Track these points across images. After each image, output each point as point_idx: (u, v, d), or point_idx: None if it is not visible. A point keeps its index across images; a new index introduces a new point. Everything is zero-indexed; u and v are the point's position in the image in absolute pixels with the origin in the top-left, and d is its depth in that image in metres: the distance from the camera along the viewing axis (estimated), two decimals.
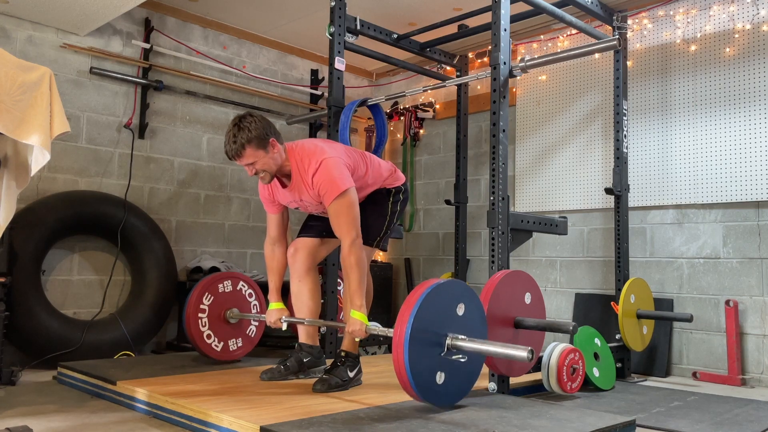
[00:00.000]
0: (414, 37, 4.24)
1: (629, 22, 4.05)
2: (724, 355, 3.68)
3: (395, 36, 4.11)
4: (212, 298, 3.32)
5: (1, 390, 2.93)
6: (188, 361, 3.35)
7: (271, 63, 5.21)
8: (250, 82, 5.04)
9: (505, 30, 3.00)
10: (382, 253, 5.56)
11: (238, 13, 4.68)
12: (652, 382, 3.63)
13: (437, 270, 5.13)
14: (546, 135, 4.60)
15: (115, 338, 3.81)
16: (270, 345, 4.04)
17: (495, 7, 3.00)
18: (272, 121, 5.30)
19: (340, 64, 3.65)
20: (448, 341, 2.27)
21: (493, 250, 2.90)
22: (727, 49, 3.79)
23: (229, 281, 3.41)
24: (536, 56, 3.47)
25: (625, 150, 3.77)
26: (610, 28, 3.87)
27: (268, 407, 2.30)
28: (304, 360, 2.89)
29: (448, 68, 4.98)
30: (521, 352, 2.16)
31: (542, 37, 4.65)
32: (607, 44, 3.16)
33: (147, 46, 4.40)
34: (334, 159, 2.67)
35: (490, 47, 3.44)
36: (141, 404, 2.55)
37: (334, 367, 2.74)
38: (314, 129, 5.33)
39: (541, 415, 2.31)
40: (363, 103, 4.00)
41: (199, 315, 3.26)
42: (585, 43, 3.89)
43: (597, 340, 3.29)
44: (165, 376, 2.86)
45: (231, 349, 3.37)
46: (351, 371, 2.75)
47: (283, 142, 2.73)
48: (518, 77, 4.11)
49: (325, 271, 3.60)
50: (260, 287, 4.78)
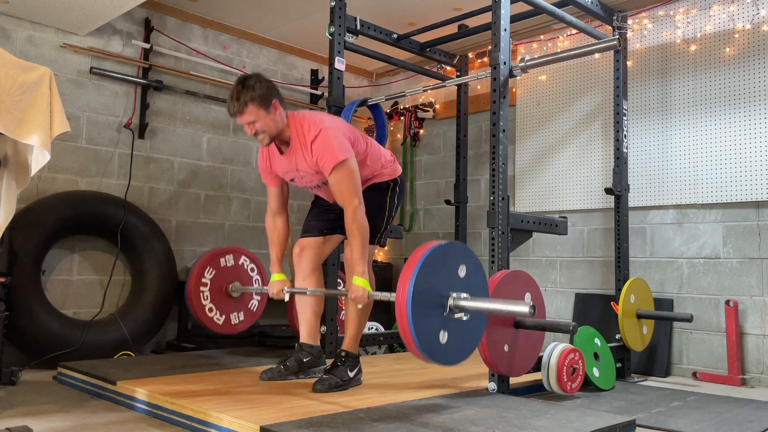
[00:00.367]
0: (414, 37, 4.24)
1: (629, 22, 4.05)
2: (724, 355, 3.68)
3: (395, 36, 4.11)
4: (214, 272, 3.32)
5: (1, 390, 2.93)
6: (188, 361, 3.34)
7: (271, 63, 5.21)
8: None
9: (505, 30, 3.00)
10: (382, 253, 5.56)
11: (238, 13, 4.68)
12: (652, 382, 3.63)
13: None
14: (546, 135, 4.60)
15: (115, 338, 3.81)
16: (270, 345, 4.04)
17: (495, 7, 3.00)
18: None
19: (340, 64, 3.65)
20: (451, 302, 2.26)
21: (493, 250, 2.90)
22: (727, 49, 3.79)
23: (231, 255, 3.42)
24: (536, 56, 3.47)
25: (625, 150, 3.77)
26: (610, 28, 3.86)
27: (268, 407, 2.30)
28: (304, 360, 2.89)
29: (448, 68, 4.98)
30: (523, 307, 2.16)
31: (542, 37, 4.65)
32: (607, 44, 3.16)
33: (147, 46, 4.40)
34: (334, 128, 2.67)
35: (490, 47, 3.44)
36: (141, 404, 2.55)
37: (334, 367, 2.74)
38: None
39: (541, 415, 2.31)
40: (363, 103, 4.00)
41: (201, 289, 3.26)
42: (585, 43, 3.89)
43: (597, 340, 3.29)
44: (165, 376, 2.86)
45: (233, 322, 3.37)
46: (351, 371, 2.75)
47: (286, 108, 2.73)
48: (518, 77, 4.11)
49: (325, 270, 3.60)
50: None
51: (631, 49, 4.16)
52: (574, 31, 4.41)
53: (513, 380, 2.88)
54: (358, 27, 3.76)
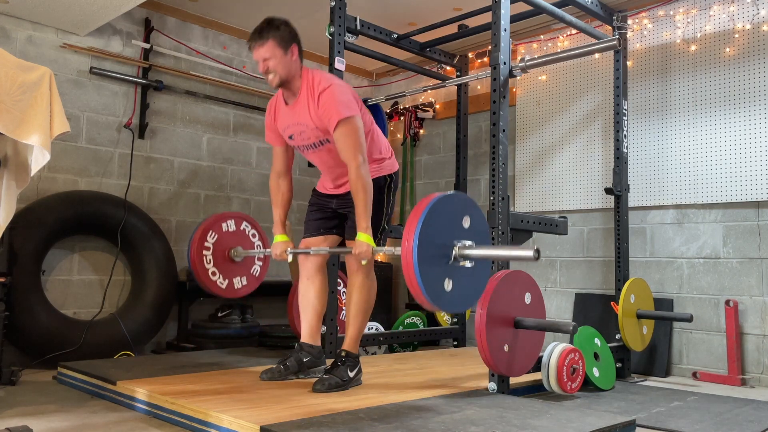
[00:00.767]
0: (414, 37, 4.24)
1: (629, 22, 4.05)
2: (724, 355, 3.68)
3: (395, 36, 4.11)
4: (216, 236, 3.34)
5: (1, 390, 2.93)
6: (188, 361, 3.34)
7: None
8: (250, 82, 5.04)
9: (505, 30, 3.00)
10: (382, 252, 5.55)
11: (238, 13, 4.68)
12: (652, 382, 3.63)
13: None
14: (546, 135, 4.60)
15: (115, 338, 3.81)
16: (270, 345, 4.04)
17: (495, 7, 3.00)
18: None
19: (340, 64, 3.65)
20: (456, 251, 2.29)
21: None
22: (727, 49, 3.79)
23: (233, 221, 3.44)
24: (536, 56, 3.47)
25: (625, 150, 3.77)
26: (610, 28, 3.86)
27: (268, 407, 2.30)
28: (304, 360, 2.89)
29: (448, 68, 4.98)
30: (527, 252, 2.19)
31: (542, 37, 4.65)
32: (607, 44, 3.16)
33: (147, 46, 4.40)
34: (344, 86, 2.73)
35: (490, 47, 3.44)
36: (141, 404, 2.55)
37: (334, 367, 2.74)
38: None
39: (541, 415, 2.31)
40: (363, 103, 4.00)
41: (204, 253, 3.27)
42: (585, 43, 3.89)
43: (597, 340, 3.29)
44: (165, 376, 2.86)
45: (236, 287, 3.39)
46: (351, 371, 2.75)
47: (302, 61, 2.78)
48: (518, 77, 4.11)
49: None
50: (260, 287, 4.80)
51: (631, 49, 4.16)
52: (574, 31, 4.41)
53: (513, 380, 2.88)
54: (358, 27, 3.76)
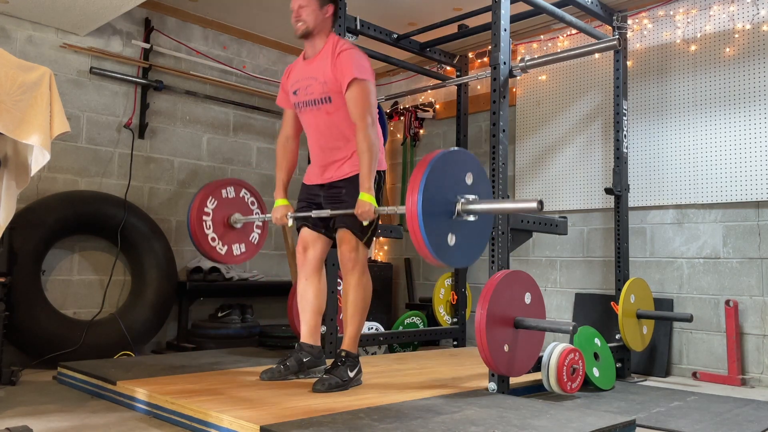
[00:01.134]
0: (414, 37, 4.24)
1: (629, 22, 4.05)
2: (724, 355, 3.68)
3: (395, 36, 4.11)
4: (216, 202, 3.36)
5: (1, 390, 2.93)
6: (188, 361, 3.34)
7: (271, 63, 5.21)
8: (250, 82, 5.04)
9: (505, 30, 3.00)
10: (382, 252, 5.56)
11: (238, 13, 4.68)
12: (652, 382, 3.63)
13: (437, 270, 5.13)
14: (546, 135, 4.60)
15: (115, 338, 3.81)
16: (270, 345, 4.04)
17: (495, 7, 3.00)
18: (272, 121, 5.32)
19: None
20: (459, 206, 2.32)
21: (493, 250, 2.90)
22: (727, 49, 3.79)
23: (232, 187, 3.46)
24: (536, 56, 3.47)
25: (625, 150, 3.77)
26: (610, 28, 3.86)
27: (268, 407, 2.30)
28: (304, 360, 2.89)
29: (448, 68, 4.98)
30: (531, 204, 2.22)
31: (542, 37, 4.65)
32: (607, 44, 3.16)
33: (147, 46, 4.40)
34: (364, 56, 2.80)
35: (490, 47, 3.44)
36: (141, 404, 2.55)
37: (334, 367, 2.73)
38: None
39: (541, 415, 2.31)
40: None
41: (204, 218, 3.29)
42: (585, 43, 3.90)
43: (597, 340, 3.29)
44: (165, 376, 2.86)
45: (235, 253, 3.41)
46: (351, 371, 2.75)
47: (333, 27, 2.92)
48: (518, 77, 4.11)
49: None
50: (259, 287, 4.81)
51: (631, 49, 4.16)
52: (574, 31, 4.41)
53: (513, 380, 2.88)
54: (358, 27, 3.76)
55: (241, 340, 4.20)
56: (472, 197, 2.35)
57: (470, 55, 4.82)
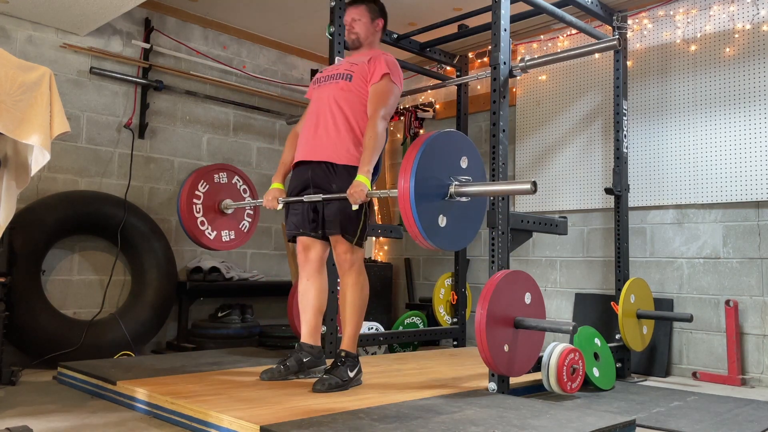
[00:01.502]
0: (414, 37, 4.24)
1: (629, 22, 4.05)
2: (724, 355, 3.68)
3: (395, 36, 4.11)
4: (207, 186, 3.35)
5: (1, 390, 2.93)
6: (188, 361, 3.34)
7: (271, 63, 5.21)
8: (250, 82, 5.04)
9: (505, 30, 3.00)
10: (382, 252, 5.56)
11: (238, 13, 4.68)
12: (652, 382, 3.63)
13: (437, 270, 5.14)
14: (546, 135, 4.60)
15: (115, 338, 3.81)
16: (270, 345, 4.04)
17: (495, 7, 3.00)
18: (272, 121, 5.32)
19: None
20: (452, 189, 2.33)
21: (493, 250, 2.90)
22: (727, 49, 3.79)
23: (225, 173, 3.45)
24: (536, 56, 3.47)
25: (625, 150, 3.77)
26: (610, 28, 3.86)
27: (268, 407, 2.30)
28: (304, 360, 2.89)
29: (448, 68, 4.98)
30: (524, 185, 2.20)
31: (542, 37, 4.65)
32: (607, 44, 3.16)
33: (147, 46, 4.40)
34: (400, 69, 2.94)
35: (490, 47, 3.44)
36: (141, 404, 2.55)
37: (334, 367, 2.73)
38: None
39: (541, 415, 2.31)
40: None
41: (194, 201, 3.28)
42: (585, 43, 3.89)
43: (597, 340, 3.29)
44: (165, 376, 2.86)
45: (224, 239, 3.40)
46: (351, 371, 2.75)
47: (380, 42, 3.15)
48: (518, 77, 4.11)
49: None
50: (259, 287, 4.81)
51: (631, 49, 4.16)
52: (574, 31, 4.41)
53: (513, 380, 2.88)
54: None
55: (241, 340, 4.20)
56: (465, 178, 2.34)
57: (470, 55, 4.82)
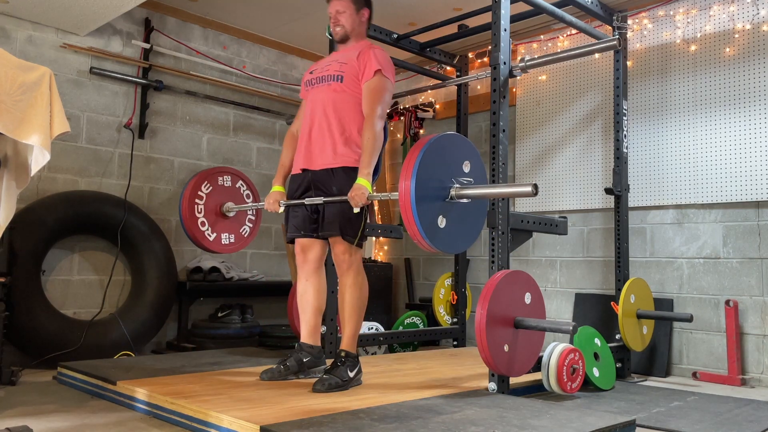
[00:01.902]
0: (414, 37, 4.24)
1: (629, 22, 4.05)
2: (724, 355, 3.68)
3: (395, 36, 4.11)
4: (211, 188, 3.35)
5: (1, 390, 2.93)
6: (188, 361, 3.35)
7: (271, 63, 5.21)
8: (250, 82, 5.04)
9: (505, 30, 3.00)
10: (382, 252, 5.56)
11: (238, 13, 4.68)
12: (652, 382, 3.63)
13: (437, 270, 5.14)
14: (546, 135, 4.60)
15: (115, 338, 3.81)
16: (270, 345, 4.04)
17: (495, 7, 3.00)
18: (272, 121, 5.31)
19: None
20: (453, 191, 2.33)
21: (493, 250, 2.90)
22: (727, 49, 3.79)
23: (229, 177, 3.45)
24: (536, 56, 3.47)
25: (625, 150, 3.77)
26: (610, 28, 3.86)
27: (268, 407, 2.30)
28: (304, 360, 2.89)
29: (448, 68, 4.98)
30: (525, 188, 2.20)
31: (542, 37, 4.65)
32: (607, 44, 3.16)
33: (147, 46, 4.40)
34: (391, 62, 2.90)
35: (490, 47, 3.44)
36: (141, 404, 2.55)
37: (334, 367, 2.74)
38: None
39: (541, 415, 2.31)
40: None
41: (196, 201, 3.28)
42: (585, 43, 3.89)
43: (597, 340, 3.29)
44: (165, 376, 2.86)
45: (223, 242, 3.40)
46: (351, 371, 2.75)
47: (368, 31, 3.08)
48: (518, 77, 4.11)
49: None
50: (259, 287, 4.81)
51: (631, 49, 4.16)
52: (574, 31, 4.41)
53: (513, 380, 2.88)
54: None
55: (241, 340, 4.20)
56: (466, 180, 2.34)
57: (470, 55, 4.82)
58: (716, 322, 3.74)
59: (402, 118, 5.50)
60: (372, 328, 4.04)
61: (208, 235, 3.32)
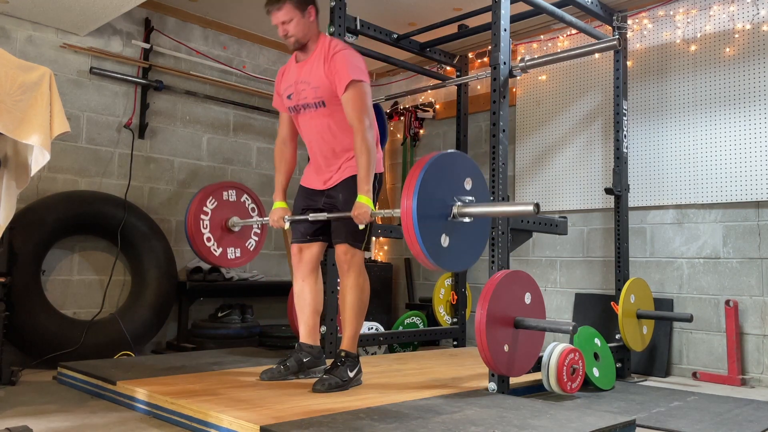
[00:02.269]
0: (414, 37, 4.23)
1: (629, 22, 4.05)
2: (724, 355, 3.68)
3: (395, 36, 4.11)
4: (216, 203, 3.35)
5: (1, 390, 2.93)
6: (188, 361, 3.34)
7: (271, 63, 5.21)
8: (250, 82, 5.04)
9: (505, 30, 3.00)
10: (382, 252, 5.56)
11: (238, 13, 4.68)
12: (652, 382, 3.63)
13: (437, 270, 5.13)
14: (546, 135, 4.60)
15: (115, 338, 3.81)
16: (270, 345, 4.04)
17: (495, 7, 3.00)
18: (272, 121, 5.31)
19: None
20: (455, 209, 2.32)
21: (493, 250, 2.90)
22: (727, 49, 3.79)
23: (234, 191, 3.44)
24: (536, 56, 3.47)
25: (625, 150, 3.77)
26: (610, 28, 3.86)
27: (268, 407, 2.30)
28: (304, 360, 2.89)
29: (448, 68, 4.98)
30: (527, 207, 2.19)
31: (542, 37, 4.65)
32: (607, 44, 3.16)
33: (147, 46, 4.40)
34: (358, 55, 2.76)
35: (490, 47, 3.44)
36: (141, 404, 2.55)
37: (334, 367, 2.74)
38: None
39: (541, 415, 2.31)
40: None
41: (202, 217, 3.28)
42: (585, 43, 3.89)
43: (597, 340, 3.29)
44: (165, 376, 2.86)
45: (229, 257, 3.39)
46: (351, 371, 2.75)
47: (318, 24, 2.85)
48: (518, 77, 4.11)
49: (324, 270, 3.59)
50: (259, 287, 4.81)
51: (631, 49, 4.16)
52: (574, 31, 4.41)
53: (513, 380, 2.88)
54: (358, 27, 3.76)
55: (241, 340, 4.20)
56: (468, 199, 2.34)
57: (470, 55, 4.82)
58: (716, 322, 3.74)
59: (402, 118, 5.50)
60: (372, 328, 4.04)
61: (214, 250, 3.32)
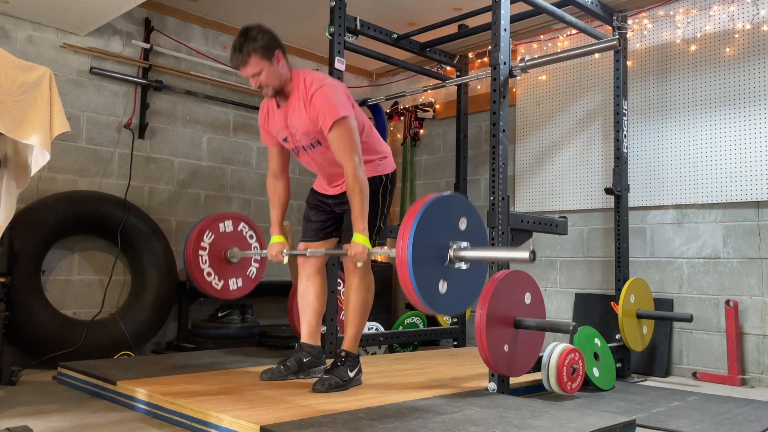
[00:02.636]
0: (414, 37, 4.24)
1: (629, 22, 4.05)
2: (724, 355, 3.68)
3: (395, 36, 4.11)
4: (213, 236, 3.34)
5: (1, 390, 2.93)
6: (188, 361, 3.34)
7: None
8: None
9: (505, 30, 3.00)
10: None
11: (238, 13, 4.68)
12: (652, 382, 3.63)
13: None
14: (546, 135, 4.60)
15: (115, 338, 3.81)
16: (270, 345, 4.04)
17: (495, 7, 3.00)
18: None
19: (340, 64, 3.64)
20: (451, 253, 2.28)
21: None
22: (727, 49, 3.79)
23: (230, 221, 3.43)
24: (536, 56, 3.47)
25: (625, 150, 3.77)
26: (610, 28, 3.86)
27: (268, 407, 2.30)
28: (304, 360, 2.89)
29: (448, 68, 4.98)
30: (522, 253, 2.18)
31: (542, 37, 4.65)
32: (607, 44, 3.16)
33: (147, 46, 4.40)
34: (336, 86, 2.68)
35: (490, 47, 3.44)
36: (141, 404, 2.55)
37: (334, 367, 2.74)
38: None
39: (541, 415, 2.31)
40: (363, 103, 4.00)
41: (200, 252, 3.28)
42: (585, 43, 3.89)
43: (597, 340, 3.29)
44: (165, 376, 2.86)
45: (231, 288, 3.38)
46: (351, 371, 2.75)
47: (289, 62, 2.73)
48: (518, 77, 4.11)
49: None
50: (259, 287, 4.79)
51: (631, 49, 4.16)
52: (574, 31, 4.41)
53: (513, 380, 2.88)
54: (358, 27, 3.76)
55: (241, 340, 4.20)
56: (464, 244, 2.29)
57: (470, 55, 4.82)
58: (716, 322, 3.74)
59: (402, 118, 5.50)
60: (372, 328, 4.04)
61: (216, 284, 3.33)
